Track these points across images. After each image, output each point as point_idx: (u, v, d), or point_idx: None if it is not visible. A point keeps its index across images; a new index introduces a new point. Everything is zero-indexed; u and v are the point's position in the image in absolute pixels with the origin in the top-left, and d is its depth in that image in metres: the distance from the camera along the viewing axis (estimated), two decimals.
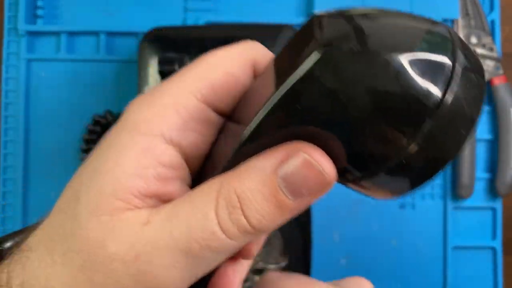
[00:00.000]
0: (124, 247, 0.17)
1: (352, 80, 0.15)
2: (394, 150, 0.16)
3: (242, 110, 0.20)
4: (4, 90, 0.48)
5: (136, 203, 0.18)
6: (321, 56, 0.15)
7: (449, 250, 0.48)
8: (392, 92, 0.15)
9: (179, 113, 0.19)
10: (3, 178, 0.47)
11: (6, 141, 0.47)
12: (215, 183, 0.18)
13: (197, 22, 0.47)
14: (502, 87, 0.48)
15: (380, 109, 0.15)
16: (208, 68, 0.19)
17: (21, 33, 0.47)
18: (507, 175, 0.47)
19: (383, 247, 0.48)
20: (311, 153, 0.16)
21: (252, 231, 0.17)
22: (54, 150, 0.47)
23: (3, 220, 0.47)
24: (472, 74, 0.16)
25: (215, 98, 0.19)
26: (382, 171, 0.16)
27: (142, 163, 0.18)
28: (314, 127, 0.16)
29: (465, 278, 0.48)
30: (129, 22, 0.48)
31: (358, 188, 0.18)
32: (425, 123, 0.15)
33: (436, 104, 0.15)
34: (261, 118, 0.16)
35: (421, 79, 0.15)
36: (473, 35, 0.49)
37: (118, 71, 0.48)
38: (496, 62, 0.48)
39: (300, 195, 0.17)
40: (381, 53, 0.15)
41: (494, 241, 0.48)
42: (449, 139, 0.16)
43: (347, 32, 0.15)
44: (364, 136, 0.16)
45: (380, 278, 0.47)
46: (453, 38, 0.16)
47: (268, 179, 0.17)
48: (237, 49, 0.20)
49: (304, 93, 0.15)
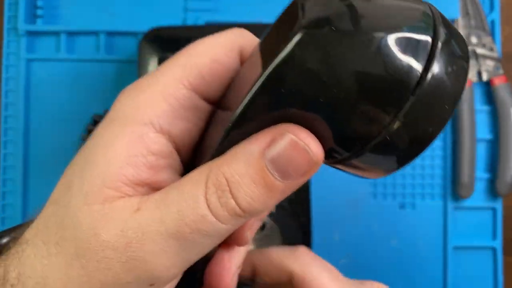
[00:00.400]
0: (115, 234, 0.17)
1: (332, 61, 0.15)
2: (378, 128, 0.16)
3: (230, 97, 0.20)
4: (4, 90, 0.47)
5: (127, 191, 0.18)
6: (301, 38, 0.15)
7: (449, 250, 0.48)
8: (373, 72, 0.15)
9: (168, 101, 0.19)
10: (3, 178, 0.47)
11: (6, 141, 0.47)
12: (204, 169, 0.18)
13: (197, 22, 0.47)
14: (502, 87, 0.48)
15: (362, 89, 0.15)
16: (195, 55, 0.20)
17: (21, 33, 0.47)
18: (507, 175, 0.47)
19: (383, 247, 0.48)
20: (297, 134, 0.17)
21: (242, 214, 0.17)
22: (54, 150, 0.47)
23: (3, 220, 0.47)
24: (453, 50, 0.16)
25: (203, 85, 0.19)
26: (368, 150, 0.17)
27: (132, 152, 0.18)
28: (298, 109, 0.16)
29: (465, 278, 0.48)
30: (129, 22, 0.48)
31: (346, 169, 0.19)
32: (407, 101, 0.15)
33: (416, 81, 0.15)
34: (246, 103, 0.16)
35: (401, 57, 0.15)
36: (473, 35, 0.49)
37: (118, 71, 0.48)
38: (496, 62, 0.48)
39: (288, 176, 0.17)
40: (361, 33, 0.15)
41: (494, 241, 0.48)
42: (432, 114, 0.16)
43: (327, 13, 0.15)
44: (348, 115, 0.16)
45: (380, 278, 0.47)
46: (434, 15, 0.16)
47: (256, 162, 0.17)
48: (224, 36, 0.20)
49: (287, 75, 0.15)
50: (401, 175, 0.48)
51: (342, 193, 0.48)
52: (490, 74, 0.48)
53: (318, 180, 0.44)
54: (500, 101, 0.48)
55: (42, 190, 0.47)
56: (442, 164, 0.48)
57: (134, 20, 0.48)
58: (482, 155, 0.49)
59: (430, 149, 0.49)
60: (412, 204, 0.48)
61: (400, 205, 0.48)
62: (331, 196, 0.48)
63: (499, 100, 0.48)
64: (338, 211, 0.48)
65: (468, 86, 0.48)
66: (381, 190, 0.48)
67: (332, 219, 0.48)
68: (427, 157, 0.49)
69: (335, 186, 0.48)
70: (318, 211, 0.45)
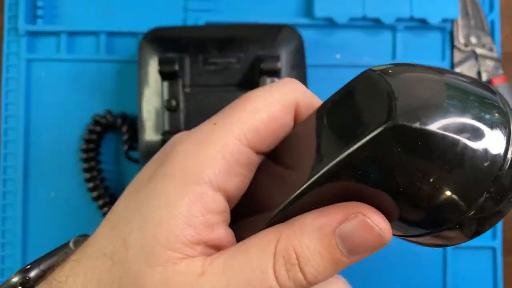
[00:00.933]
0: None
1: (413, 156, 0.15)
2: (451, 216, 0.16)
3: (285, 153, 0.20)
4: (4, 90, 0.48)
5: (187, 252, 0.18)
6: (391, 128, 0.15)
7: (449, 250, 0.48)
8: (456, 171, 0.15)
9: (226, 159, 0.19)
10: (3, 178, 0.47)
11: (6, 141, 0.47)
12: (271, 237, 0.18)
13: (197, 22, 0.47)
14: (502, 87, 0.48)
15: (441, 183, 0.16)
16: (254, 112, 0.20)
17: (21, 33, 0.47)
18: None
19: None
20: (369, 215, 0.17)
21: (306, 285, 0.18)
22: (54, 150, 0.47)
23: (3, 220, 0.47)
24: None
25: (259, 141, 0.20)
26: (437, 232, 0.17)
27: (193, 212, 0.18)
28: (374, 190, 0.16)
29: (465, 278, 0.48)
30: (129, 22, 0.48)
31: (405, 239, 0.19)
32: (485, 193, 0.16)
33: (496, 174, 0.16)
34: (321, 173, 0.17)
35: (480, 152, 0.15)
36: (473, 35, 0.49)
37: (118, 71, 0.48)
38: (496, 62, 0.49)
39: (356, 253, 0.18)
40: (440, 132, 0.15)
41: (494, 241, 0.48)
42: (502, 204, 0.16)
43: (413, 108, 0.15)
44: (422, 204, 0.16)
45: (380, 278, 0.47)
46: (506, 108, 0.17)
47: (327, 239, 0.17)
48: (279, 90, 0.20)
49: (368, 159, 0.16)
50: None
51: None
52: (489, 74, 0.48)
53: None
54: None
55: (42, 190, 0.47)
56: None
57: (134, 20, 0.48)
58: None
59: None
60: None
61: None
62: None
63: None
64: None
65: None
66: None
67: None
68: None
69: None
70: None
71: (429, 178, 0.15)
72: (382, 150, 0.16)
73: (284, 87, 0.21)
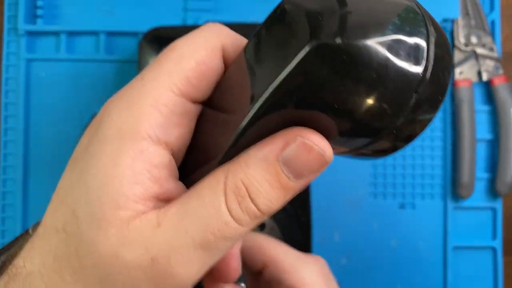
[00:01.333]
0: (139, 253, 0.17)
1: (342, 73, 0.16)
2: (385, 125, 0.17)
3: (221, 98, 0.20)
4: (4, 90, 0.48)
5: (140, 208, 0.18)
6: (311, 50, 0.16)
7: (449, 250, 0.48)
8: (383, 80, 0.16)
9: (161, 111, 0.19)
10: (3, 178, 0.47)
11: (6, 141, 0.47)
12: (220, 176, 0.18)
13: (197, 22, 0.47)
14: (502, 87, 0.48)
15: (370, 95, 0.16)
16: (180, 60, 0.20)
17: (21, 33, 0.47)
18: (507, 175, 0.47)
19: (383, 247, 0.47)
20: (308, 137, 0.17)
21: (261, 215, 0.18)
22: (54, 150, 0.47)
23: (3, 220, 0.47)
24: (442, 46, 0.17)
25: (191, 89, 0.19)
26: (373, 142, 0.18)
27: (137, 170, 0.18)
28: (309, 112, 0.17)
29: (465, 278, 0.48)
30: (129, 22, 0.48)
31: (349, 154, 0.20)
32: (411, 99, 0.16)
33: (419, 81, 0.16)
34: (256, 110, 0.17)
35: (403, 62, 0.16)
36: (473, 35, 0.49)
37: (118, 71, 0.48)
38: (496, 62, 0.48)
39: (302, 175, 0.18)
40: (363, 45, 0.16)
41: (494, 241, 0.48)
42: (429, 107, 0.17)
43: (329, 24, 0.16)
44: (357, 117, 0.16)
45: (380, 278, 0.47)
46: (423, 13, 0.17)
47: (272, 167, 0.17)
48: (203, 35, 0.20)
49: (297, 85, 0.16)
50: (401, 175, 0.48)
51: (342, 193, 0.48)
52: (490, 74, 0.48)
53: (318, 180, 0.44)
54: (500, 101, 0.48)
55: (42, 190, 0.47)
56: (442, 164, 0.48)
57: (134, 20, 0.48)
58: (482, 155, 0.49)
59: (430, 149, 0.49)
60: (412, 204, 0.48)
61: (400, 205, 0.48)
62: (331, 196, 0.48)
63: (499, 100, 0.48)
64: (338, 211, 0.48)
65: (468, 86, 0.48)
66: (381, 190, 0.48)
67: (332, 219, 0.48)
68: (427, 157, 0.49)
69: (335, 186, 0.48)
70: (318, 211, 0.45)
71: (359, 91, 0.16)
72: (311, 70, 0.16)
73: (208, 32, 0.20)
